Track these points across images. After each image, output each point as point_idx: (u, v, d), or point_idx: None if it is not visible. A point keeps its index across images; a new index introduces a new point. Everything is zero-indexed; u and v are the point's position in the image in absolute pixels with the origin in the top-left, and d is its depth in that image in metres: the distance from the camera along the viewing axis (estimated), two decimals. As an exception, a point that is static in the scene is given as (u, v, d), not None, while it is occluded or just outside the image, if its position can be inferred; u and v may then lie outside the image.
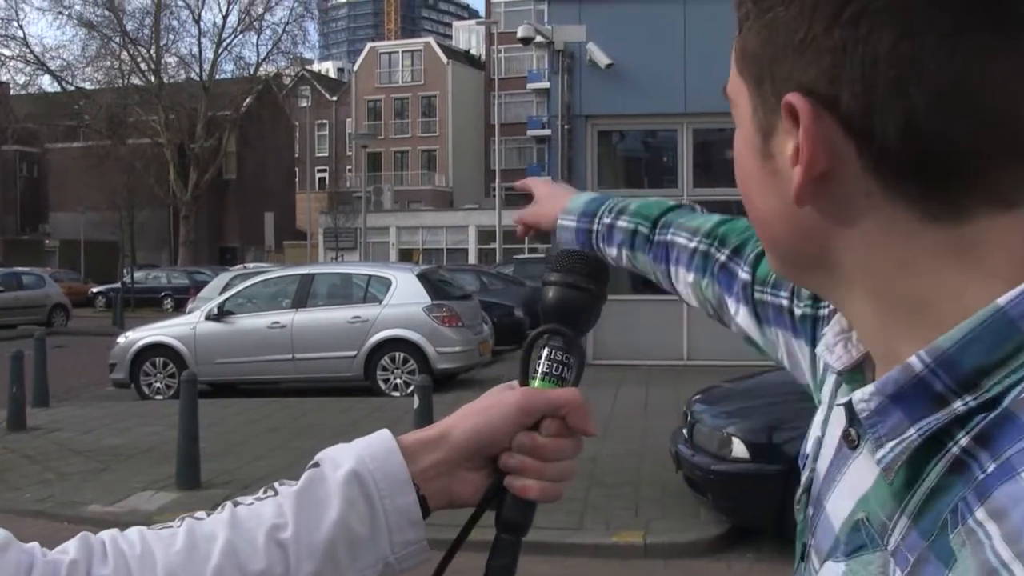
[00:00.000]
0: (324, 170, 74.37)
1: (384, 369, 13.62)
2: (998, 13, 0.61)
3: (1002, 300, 0.61)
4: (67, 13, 43.78)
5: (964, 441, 0.61)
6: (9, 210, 66.15)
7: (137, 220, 41.63)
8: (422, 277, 14.25)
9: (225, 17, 47.14)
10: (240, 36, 46.91)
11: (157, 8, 44.52)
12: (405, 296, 13.65)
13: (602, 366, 14.93)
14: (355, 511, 0.85)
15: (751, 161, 0.72)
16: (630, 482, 7.84)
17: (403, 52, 73.57)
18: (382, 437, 0.89)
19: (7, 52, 43.08)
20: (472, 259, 49.80)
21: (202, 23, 47.18)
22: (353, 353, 13.56)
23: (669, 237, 1.33)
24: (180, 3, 45.95)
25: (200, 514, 0.87)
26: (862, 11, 0.62)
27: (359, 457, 0.87)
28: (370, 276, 14.55)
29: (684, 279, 1.29)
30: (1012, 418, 0.59)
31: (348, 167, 72.03)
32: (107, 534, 0.85)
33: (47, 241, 58.06)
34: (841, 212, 0.66)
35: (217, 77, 46.54)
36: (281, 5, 46.96)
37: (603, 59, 14.92)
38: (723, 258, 1.22)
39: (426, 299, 13.65)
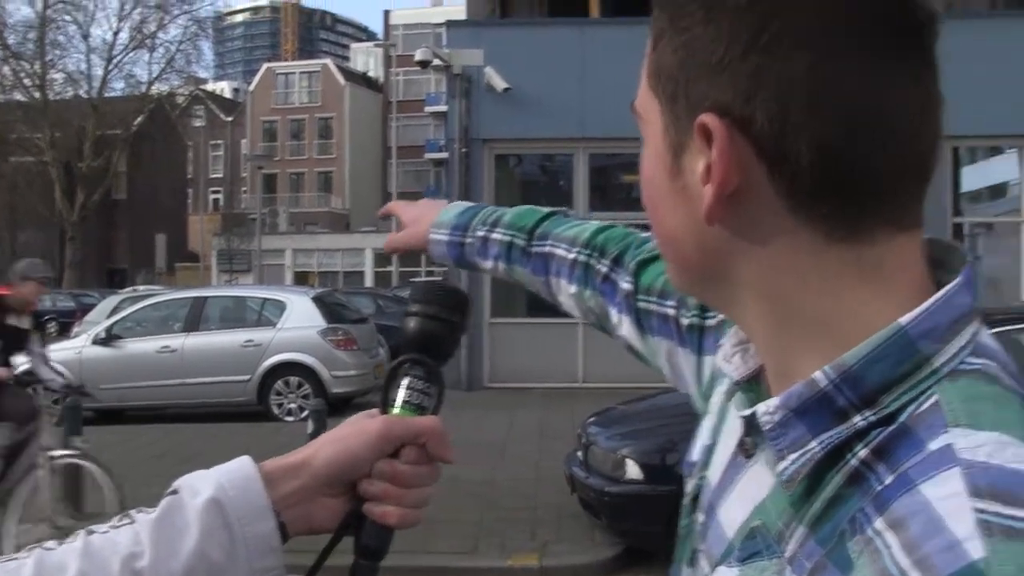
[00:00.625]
0: (218, 191, 73.19)
1: (278, 394, 13.41)
2: (908, 43, 0.65)
3: (904, 320, 0.64)
4: (-56, 25, 42.30)
5: (863, 454, 0.63)
6: None
7: (19, 240, 40.32)
8: (317, 300, 14.10)
9: (116, 34, 46.04)
10: (131, 54, 45.81)
11: (42, 22, 43.24)
12: (300, 319, 13.48)
13: (498, 389, 14.97)
14: (214, 539, 0.83)
15: (660, 178, 0.72)
16: (526, 506, 7.85)
17: (300, 73, 72.94)
18: (242, 464, 0.88)
19: None
20: (369, 282, 49.46)
21: (91, 39, 45.99)
22: (247, 377, 13.32)
23: (547, 249, 1.30)
24: (67, 18, 44.64)
25: (51, 544, 0.83)
26: (779, 35, 0.63)
27: (219, 484, 0.85)
28: (264, 299, 14.35)
29: (566, 290, 1.28)
30: (909, 433, 0.62)
31: (243, 188, 70.99)
32: None
33: (-78, 261, 55.83)
34: (749, 231, 0.68)
35: (107, 95, 45.39)
36: (175, 23, 46.02)
37: (500, 83, 15.02)
38: (604, 269, 1.22)
39: (321, 322, 13.50)
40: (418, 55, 16.57)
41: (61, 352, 13.92)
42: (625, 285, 1.17)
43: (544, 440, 10.69)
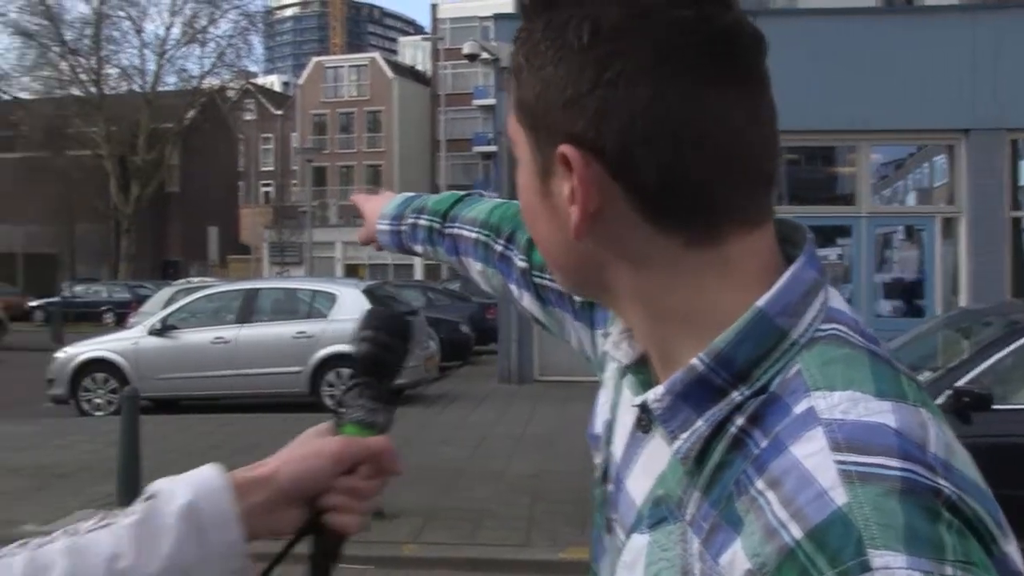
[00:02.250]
0: (269, 184, 73.83)
1: (330, 385, 13.51)
2: (734, 66, 0.73)
3: (760, 302, 0.73)
4: (2, 22, 43.05)
5: (740, 422, 0.72)
6: (-57, 222, 64.75)
7: (77, 233, 40.94)
8: (368, 292, 14.19)
9: (168, 29, 46.69)
10: (183, 49, 46.32)
11: (97, 19, 43.88)
12: (351, 311, 13.56)
13: (548, 382, 14.98)
14: (189, 543, 0.90)
15: (532, 196, 0.81)
16: (577, 499, 7.84)
17: (349, 67, 73.32)
18: (213, 474, 0.95)
19: (-60, 60, 42.01)
20: (419, 275, 49.64)
21: (144, 35, 46.61)
22: (299, 368, 13.45)
23: (456, 230, 1.41)
24: (121, 14, 45.24)
25: (35, 542, 0.89)
26: (619, 74, 0.72)
27: (195, 491, 0.92)
28: (315, 291, 14.46)
29: (474, 268, 1.38)
30: (777, 400, 0.71)
31: (293, 181, 71.54)
32: None
33: (-18, 254, 56.90)
34: (614, 243, 0.77)
35: (160, 89, 45.96)
36: (225, 18, 46.61)
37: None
38: (500, 248, 1.31)
39: (372, 314, 13.58)
40: (466, 48, 16.62)
41: (119, 342, 14.18)
42: (520, 263, 1.26)
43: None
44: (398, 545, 6.72)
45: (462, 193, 1.50)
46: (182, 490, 0.92)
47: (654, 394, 0.76)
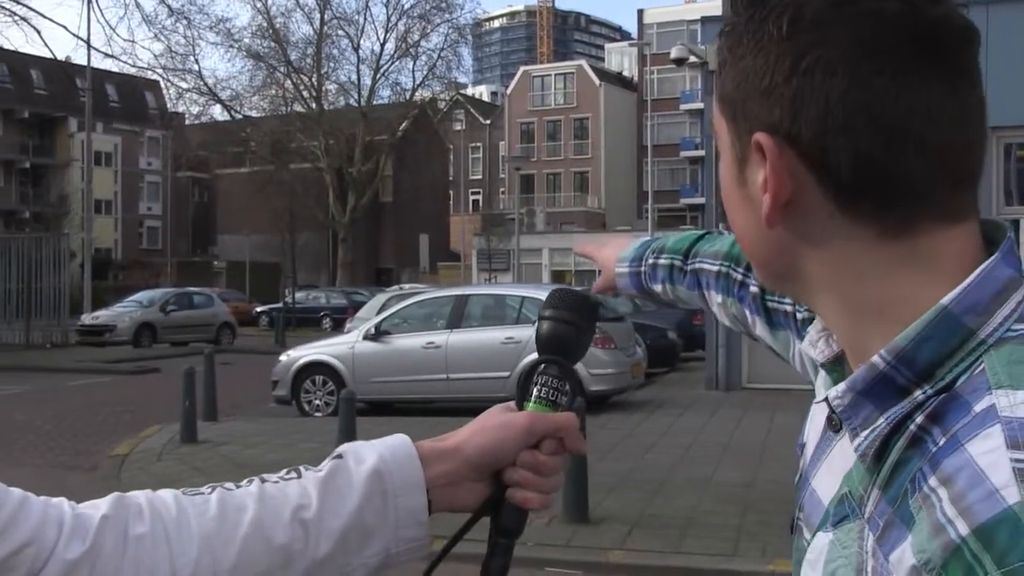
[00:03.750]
0: (478, 192, 75.44)
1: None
2: (937, 59, 0.73)
3: (945, 300, 0.72)
4: (237, 46, 45.86)
5: (920, 419, 0.71)
6: (182, 233, 69.63)
7: (298, 242, 43.01)
8: (574, 298, 14.24)
9: (383, 45, 48.48)
10: (397, 63, 48.13)
11: (319, 38, 46.16)
12: (557, 317, 13.66)
13: (756, 390, 14.66)
14: (371, 504, 0.93)
15: (731, 186, 0.83)
16: (786, 511, 7.62)
17: (556, 75, 74.13)
18: (403, 442, 0.97)
19: (184, 85, 45.29)
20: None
21: (361, 51, 48.48)
22: (507, 374, 13.66)
23: (698, 265, 1.45)
24: (340, 33, 47.43)
25: (229, 485, 0.93)
26: (816, 62, 0.73)
27: (381, 456, 0.95)
28: (523, 297, 14.64)
29: (715, 301, 1.41)
30: (958, 398, 0.70)
31: (501, 189, 72.89)
32: (142, 494, 0.90)
33: (215, 262, 60.76)
34: (807, 232, 0.77)
35: (374, 102, 47.85)
36: (436, 32, 47.99)
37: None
38: (739, 276, 1.34)
39: (579, 320, 13.63)
40: (674, 52, 16.53)
41: (336, 346, 14.79)
42: (754, 288, 1.29)
43: (805, 443, 10.37)
44: (604, 551, 6.73)
45: (701, 231, 1.54)
46: (370, 453, 0.95)
47: (836, 391, 0.76)
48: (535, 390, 1.02)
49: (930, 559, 0.64)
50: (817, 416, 0.88)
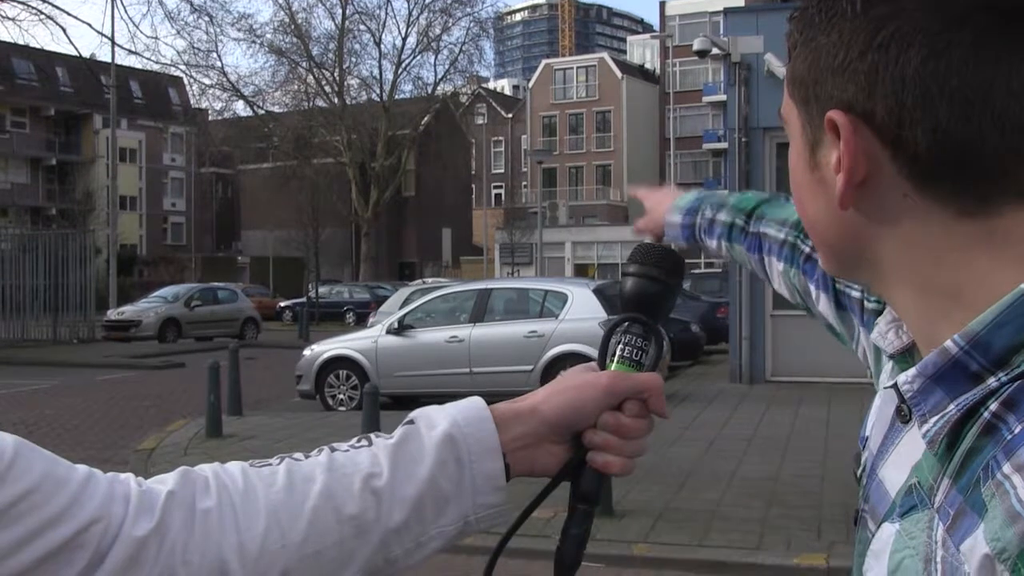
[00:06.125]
0: (500, 186, 75.45)
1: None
2: (1014, 29, 0.69)
3: None
4: (259, 42, 45.98)
5: (994, 407, 0.68)
6: (207, 229, 70.05)
7: (321, 237, 43.17)
8: (598, 292, 14.24)
9: (404, 39, 48.63)
10: (418, 57, 48.07)
11: (341, 33, 46.20)
12: (581, 311, 13.68)
13: (780, 383, 14.61)
14: (445, 471, 0.90)
15: (802, 172, 0.81)
16: (811, 504, 7.63)
17: (578, 68, 73.99)
18: (476, 404, 0.95)
19: (207, 81, 45.47)
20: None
21: (383, 46, 48.54)
22: (530, 367, 13.67)
23: (761, 229, 1.43)
24: (362, 27, 47.47)
25: (298, 455, 0.92)
26: (891, 36, 0.71)
27: (454, 420, 0.92)
28: (546, 291, 14.65)
29: (776, 268, 1.40)
30: None
31: (524, 183, 72.88)
32: (209, 468, 0.89)
33: (239, 258, 61.13)
34: (881, 213, 0.75)
35: (396, 97, 47.89)
36: (458, 25, 47.90)
37: (782, 70, 14.62)
38: (808, 249, 1.32)
39: (602, 314, 13.63)
40: (696, 44, 16.44)
41: (360, 341, 14.84)
42: None
43: (830, 436, 10.35)
44: (628, 544, 6.73)
45: (767, 194, 1.51)
46: (442, 418, 0.92)
47: (906, 376, 0.74)
48: (618, 349, 0.98)
49: (1005, 547, 0.62)
50: (883, 407, 0.87)
